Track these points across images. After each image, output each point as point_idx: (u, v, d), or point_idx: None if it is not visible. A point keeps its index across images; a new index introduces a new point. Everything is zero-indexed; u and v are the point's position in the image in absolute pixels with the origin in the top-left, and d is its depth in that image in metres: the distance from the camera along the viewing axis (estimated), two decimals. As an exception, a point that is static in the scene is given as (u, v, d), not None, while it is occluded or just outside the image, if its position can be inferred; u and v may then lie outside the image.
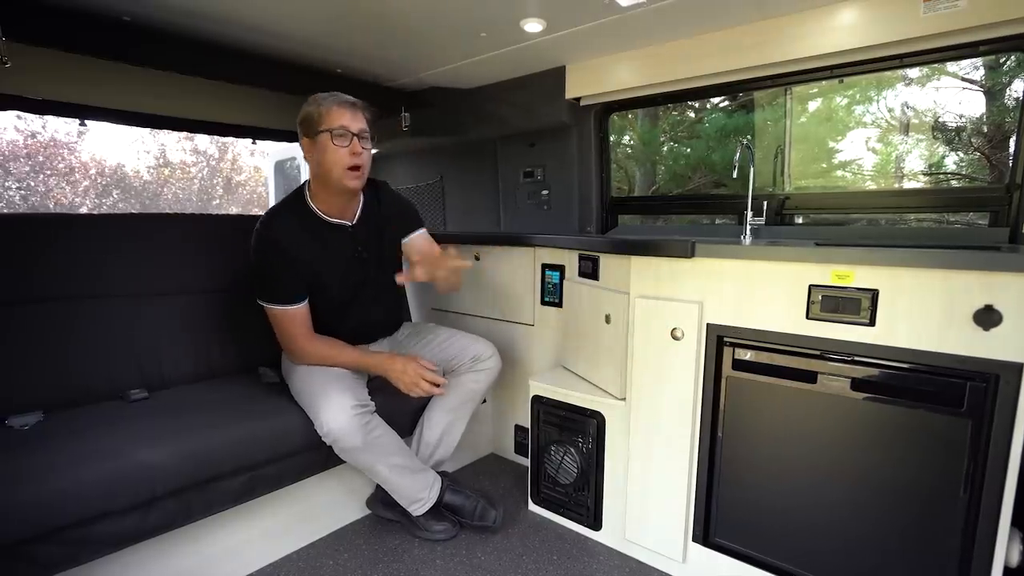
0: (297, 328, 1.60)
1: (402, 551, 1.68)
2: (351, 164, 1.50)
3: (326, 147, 1.49)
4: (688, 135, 5.88)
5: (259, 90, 2.35)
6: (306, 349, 1.61)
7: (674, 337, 1.50)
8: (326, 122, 1.49)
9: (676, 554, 1.57)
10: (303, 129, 1.55)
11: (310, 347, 1.61)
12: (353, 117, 1.51)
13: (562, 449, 1.81)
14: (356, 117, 1.52)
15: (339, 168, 1.50)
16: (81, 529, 1.16)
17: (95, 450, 1.23)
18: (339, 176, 1.51)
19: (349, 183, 1.52)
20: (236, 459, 1.39)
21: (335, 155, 1.49)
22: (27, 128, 10.61)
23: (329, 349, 1.63)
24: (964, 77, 4.32)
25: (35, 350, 1.54)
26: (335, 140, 1.48)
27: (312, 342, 1.62)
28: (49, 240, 1.64)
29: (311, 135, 1.52)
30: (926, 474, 1.21)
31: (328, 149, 1.49)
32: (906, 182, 4.69)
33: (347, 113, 1.50)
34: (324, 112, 1.49)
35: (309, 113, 1.52)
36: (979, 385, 1.14)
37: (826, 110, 5.12)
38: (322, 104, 1.51)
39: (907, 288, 1.19)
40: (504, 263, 2.26)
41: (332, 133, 1.48)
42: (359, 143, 1.51)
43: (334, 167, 1.50)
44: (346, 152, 1.49)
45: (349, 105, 1.52)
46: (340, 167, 1.50)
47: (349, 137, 1.50)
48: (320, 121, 1.50)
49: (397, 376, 1.62)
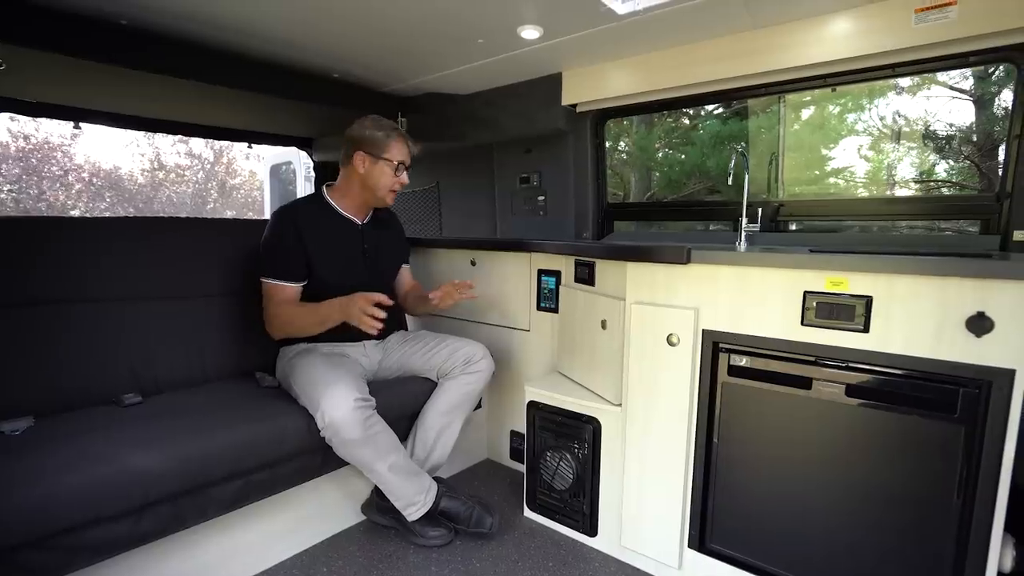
0: (280, 303, 1.73)
1: (397, 558, 1.67)
2: (396, 189, 1.84)
3: (383, 171, 1.79)
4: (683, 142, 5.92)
5: (255, 94, 2.35)
6: (277, 316, 1.73)
7: (670, 343, 1.51)
8: (391, 153, 1.79)
9: (672, 560, 1.57)
10: (363, 145, 1.78)
11: (281, 315, 1.72)
12: (409, 154, 1.84)
13: (558, 455, 1.81)
14: (410, 154, 1.85)
15: (385, 189, 1.82)
16: (73, 535, 1.15)
17: (87, 455, 1.22)
18: (383, 195, 1.83)
19: (389, 201, 1.87)
20: (230, 464, 1.38)
21: (388, 179, 1.81)
22: (20, 130, 10.54)
23: (296, 313, 1.73)
24: (954, 86, 4.38)
25: (26, 354, 1.53)
26: (396, 172, 1.81)
27: (283, 310, 1.73)
28: (42, 243, 1.62)
29: (373, 155, 1.78)
30: (920, 480, 1.22)
31: (385, 174, 1.80)
32: (898, 190, 4.74)
33: (407, 150, 1.84)
34: (391, 144, 1.79)
35: (375, 137, 1.78)
36: (972, 391, 1.15)
37: (819, 118, 5.17)
38: (390, 135, 1.79)
39: (901, 295, 1.21)
40: (500, 268, 2.26)
41: (396, 166, 1.80)
42: (406, 175, 1.86)
43: (382, 188, 1.81)
44: (396, 181, 1.82)
45: (410, 143, 1.85)
46: (386, 189, 1.82)
47: (404, 170, 1.84)
48: (385, 149, 1.79)
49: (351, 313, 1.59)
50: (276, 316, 1.73)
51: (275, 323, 1.74)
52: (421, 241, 2.55)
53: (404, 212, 3.54)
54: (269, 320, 1.75)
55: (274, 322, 1.74)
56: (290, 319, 1.73)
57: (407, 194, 3.50)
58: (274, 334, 1.77)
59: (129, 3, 1.72)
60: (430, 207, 3.43)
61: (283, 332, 1.76)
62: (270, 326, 1.76)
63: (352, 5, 1.76)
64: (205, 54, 2.11)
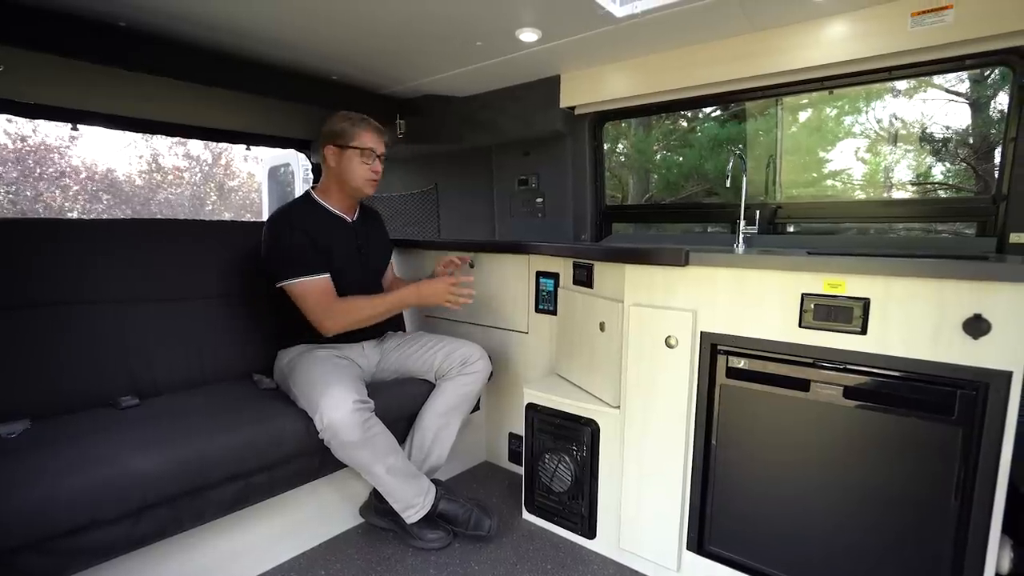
0: (327, 296, 1.70)
1: (395, 561, 1.67)
2: (370, 177, 1.82)
3: (351, 160, 1.78)
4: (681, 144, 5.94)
5: (254, 96, 2.35)
6: (338, 308, 1.70)
7: (668, 345, 1.51)
8: (357, 141, 1.77)
9: (671, 563, 1.57)
10: (331, 139, 1.78)
11: (340, 307, 1.70)
12: (379, 141, 1.82)
13: (556, 457, 1.80)
14: (380, 141, 1.82)
15: (360, 179, 1.80)
16: (69, 539, 1.14)
17: (84, 458, 1.21)
18: (360, 185, 1.81)
19: (367, 190, 1.84)
20: (228, 467, 1.38)
21: (360, 169, 1.79)
22: (17, 132, 10.51)
23: (363, 302, 1.74)
24: (950, 89, 4.40)
25: (23, 356, 1.52)
26: (363, 158, 1.78)
27: (342, 302, 1.71)
28: (39, 245, 1.62)
29: (341, 145, 1.77)
30: (918, 482, 1.22)
31: (354, 163, 1.78)
32: (894, 192, 4.76)
33: (376, 137, 1.81)
34: (357, 132, 1.78)
35: (342, 128, 1.77)
36: (969, 393, 1.16)
37: (816, 120, 5.19)
38: (356, 124, 1.78)
39: (898, 297, 1.21)
40: (498, 270, 2.26)
41: (362, 152, 1.77)
42: (379, 162, 1.83)
43: (357, 178, 1.80)
44: (368, 168, 1.80)
45: (378, 131, 1.83)
46: (362, 178, 1.80)
47: (373, 157, 1.80)
48: (352, 138, 1.77)
49: (431, 297, 1.78)
50: (330, 308, 1.67)
51: (334, 315, 1.68)
52: (419, 243, 2.55)
53: (402, 214, 3.55)
54: (324, 314, 1.67)
55: (333, 315, 1.68)
56: (351, 309, 1.70)
57: (405, 196, 3.50)
58: (333, 328, 1.69)
59: (127, 4, 1.72)
60: (428, 209, 3.43)
61: (345, 323, 1.70)
62: (328, 320, 1.68)
63: (350, 7, 1.77)
64: (203, 56, 2.11)
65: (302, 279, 1.67)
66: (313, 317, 1.68)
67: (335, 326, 1.69)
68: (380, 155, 1.82)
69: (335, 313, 1.68)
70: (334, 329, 1.70)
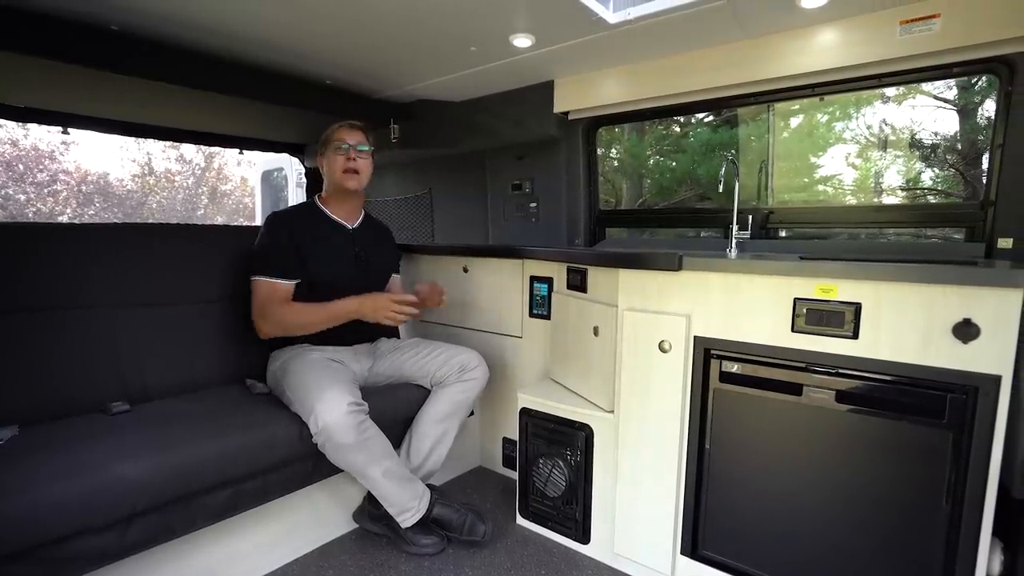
0: (271, 300, 1.72)
1: (389, 566, 1.66)
2: (345, 168, 1.85)
3: (332, 157, 1.86)
4: (674, 149, 5.97)
5: (247, 100, 2.34)
6: (273, 312, 1.71)
7: (662, 350, 1.51)
8: (332, 140, 1.87)
9: (665, 567, 1.57)
10: (321, 149, 1.90)
11: (278, 311, 1.71)
12: (350, 134, 1.87)
13: (550, 462, 1.80)
14: (352, 134, 1.88)
15: (338, 172, 1.85)
16: (59, 546, 1.13)
17: (73, 465, 1.20)
18: (339, 178, 1.85)
19: (347, 183, 1.86)
20: (219, 473, 1.37)
21: (335, 163, 1.85)
22: (7, 136, 10.42)
23: (301, 308, 1.73)
24: (938, 96, 4.46)
25: (11, 361, 1.50)
26: (336, 152, 1.85)
27: (283, 307, 1.72)
28: (28, 249, 1.60)
29: (324, 151, 1.88)
30: (909, 485, 1.23)
31: (330, 158, 1.86)
32: (885, 197, 4.81)
33: (346, 131, 1.88)
34: (331, 133, 1.88)
35: (325, 135, 1.89)
36: (959, 397, 1.17)
37: (807, 126, 5.24)
38: (332, 127, 1.89)
39: (889, 302, 1.22)
40: (492, 275, 2.26)
41: (336, 148, 1.85)
42: (354, 152, 1.86)
43: (335, 172, 1.86)
44: (343, 159, 1.84)
45: (348, 126, 1.90)
46: (339, 171, 1.85)
47: (346, 147, 1.85)
48: (329, 139, 1.87)
49: (371, 312, 1.73)
50: (265, 311, 1.71)
51: (268, 318, 1.71)
52: (413, 248, 2.55)
53: (397, 219, 3.54)
54: (259, 316, 1.72)
55: (267, 318, 1.71)
56: (289, 316, 1.71)
57: (399, 200, 3.49)
58: (266, 331, 1.74)
59: (119, 8, 1.71)
60: (422, 213, 3.43)
61: (276, 329, 1.73)
62: (263, 323, 1.72)
63: (344, 11, 1.77)
64: (195, 59, 2.11)
65: (259, 277, 1.74)
66: (253, 317, 1.75)
67: (269, 329, 1.73)
68: (353, 146, 1.85)
69: (269, 315, 1.71)
70: (267, 332, 1.74)
